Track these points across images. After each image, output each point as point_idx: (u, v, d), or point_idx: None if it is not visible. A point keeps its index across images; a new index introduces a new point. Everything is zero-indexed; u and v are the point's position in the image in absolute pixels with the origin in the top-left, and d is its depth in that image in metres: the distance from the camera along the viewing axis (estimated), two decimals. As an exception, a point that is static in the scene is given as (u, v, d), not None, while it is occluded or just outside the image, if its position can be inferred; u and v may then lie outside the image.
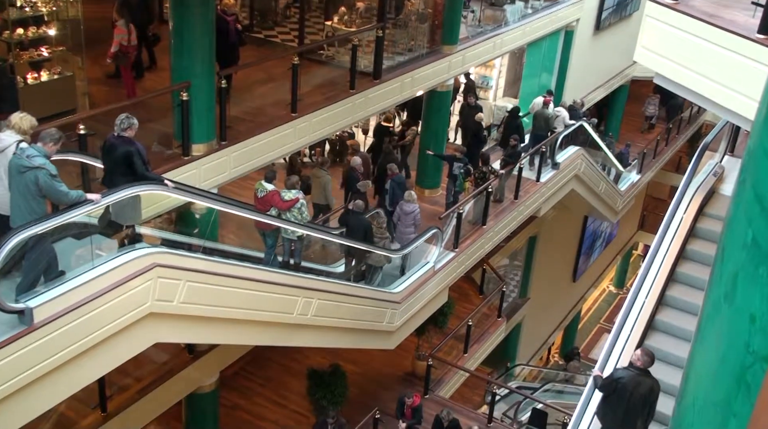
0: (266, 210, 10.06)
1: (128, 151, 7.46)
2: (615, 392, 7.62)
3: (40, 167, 6.50)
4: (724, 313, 1.83)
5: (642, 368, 7.58)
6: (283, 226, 10.12)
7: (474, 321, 16.29)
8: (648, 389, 7.53)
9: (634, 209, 25.14)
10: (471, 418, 14.16)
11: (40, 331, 6.37)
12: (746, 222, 1.66)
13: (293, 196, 10.13)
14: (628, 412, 7.56)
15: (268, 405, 14.55)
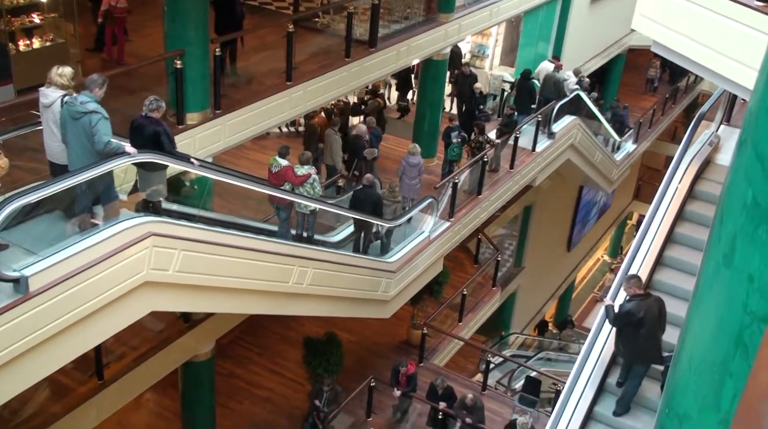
0: (280, 184, 10.27)
1: (156, 131, 7.77)
2: (628, 324, 7.90)
3: (93, 111, 6.90)
4: (723, 275, 1.83)
5: (641, 293, 7.93)
6: (296, 200, 10.32)
7: (469, 290, 16.37)
8: (657, 309, 7.88)
9: (629, 179, 25.16)
10: (465, 386, 14.28)
11: (36, 299, 6.36)
12: (746, 182, 1.65)
13: (306, 171, 10.33)
14: (647, 336, 7.86)
15: (264, 373, 14.67)
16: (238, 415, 13.73)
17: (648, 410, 8.14)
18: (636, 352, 8.05)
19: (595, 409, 8.32)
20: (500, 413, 13.84)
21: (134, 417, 13.63)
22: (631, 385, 8.21)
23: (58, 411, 9.94)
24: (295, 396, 13.96)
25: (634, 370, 8.17)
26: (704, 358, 1.92)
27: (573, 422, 8.08)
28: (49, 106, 7.10)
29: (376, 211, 11.62)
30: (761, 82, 1.74)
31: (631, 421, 8.14)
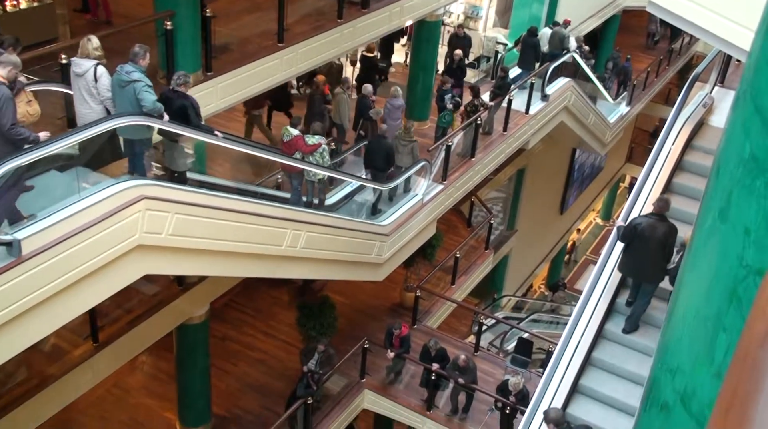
0: (291, 153, 10.59)
1: (183, 105, 8.14)
2: (635, 237, 8.20)
3: (137, 80, 7.50)
4: (718, 230, 1.84)
5: (658, 213, 8.15)
6: (307, 168, 10.68)
7: (462, 253, 16.43)
8: (665, 232, 8.11)
9: (622, 142, 25.13)
10: (458, 348, 14.42)
11: (29, 262, 6.35)
12: (744, 135, 1.64)
13: (316, 141, 10.66)
14: (647, 255, 8.17)
15: (257, 335, 14.77)
16: (232, 377, 13.86)
17: (656, 328, 8.49)
18: (638, 270, 8.39)
19: (606, 327, 8.73)
20: (492, 374, 13.99)
21: (130, 379, 13.75)
22: (640, 303, 8.57)
23: (54, 373, 10.01)
24: (289, 358, 14.07)
25: (643, 289, 8.51)
26: (698, 313, 1.94)
27: (584, 340, 8.50)
28: (82, 75, 7.49)
29: (389, 160, 12.19)
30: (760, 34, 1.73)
31: (640, 338, 8.54)
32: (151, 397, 13.49)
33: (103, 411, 13.05)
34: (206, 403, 12.85)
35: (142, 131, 7.84)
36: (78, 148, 7.28)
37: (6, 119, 6.52)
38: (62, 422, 12.28)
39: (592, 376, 8.51)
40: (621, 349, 8.62)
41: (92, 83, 7.52)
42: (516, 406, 11.89)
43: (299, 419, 12.33)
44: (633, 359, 8.46)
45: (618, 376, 8.46)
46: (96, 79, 7.54)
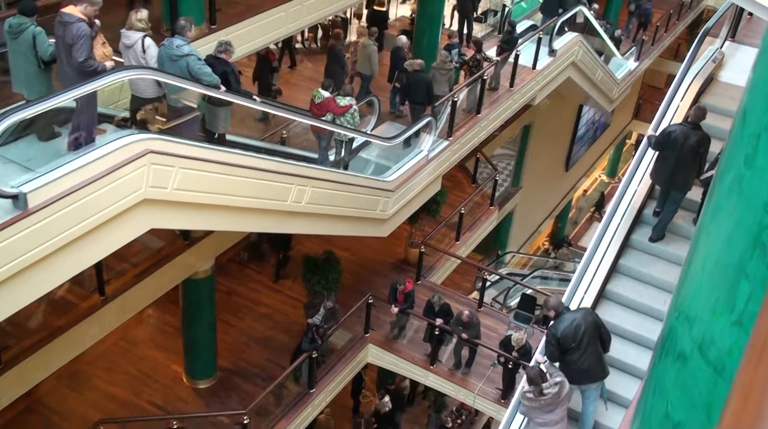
0: (322, 115, 10.92)
1: (224, 71, 8.56)
2: (667, 145, 8.30)
3: (188, 54, 7.96)
4: (743, 177, 1.83)
5: (693, 122, 8.21)
6: (337, 130, 11.06)
7: (466, 209, 16.43)
8: (697, 140, 8.18)
9: (629, 98, 24.90)
10: (462, 303, 14.53)
11: (35, 216, 6.38)
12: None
13: (347, 102, 10.99)
14: (678, 163, 8.27)
15: (263, 290, 14.90)
16: (238, 331, 14.01)
17: (681, 237, 8.78)
18: (669, 178, 8.49)
19: (632, 237, 8.96)
20: (495, 329, 14.12)
21: (136, 332, 13.93)
22: (667, 211, 8.73)
23: (62, 325, 10.14)
24: (295, 312, 14.21)
25: (672, 197, 8.65)
26: (719, 261, 1.94)
27: (611, 248, 8.74)
28: (131, 47, 7.88)
29: (429, 94, 12.86)
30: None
31: (665, 246, 8.78)
32: (158, 349, 13.68)
33: (111, 363, 13.25)
34: (212, 356, 13.03)
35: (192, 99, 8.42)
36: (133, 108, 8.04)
37: (80, 54, 6.93)
38: (70, 373, 12.51)
39: (618, 283, 8.81)
40: (647, 257, 8.89)
41: (141, 54, 7.90)
42: (518, 360, 12.03)
43: (304, 372, 12.50)
44: (658, 266, 8.75)
45: (643, 283, 8.74)
46: (144, 50, 7.91)
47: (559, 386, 7.33)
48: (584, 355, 7.48)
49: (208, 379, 13.07)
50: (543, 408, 7.32)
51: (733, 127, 2.05)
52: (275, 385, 12.01)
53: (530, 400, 7.35)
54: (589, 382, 7.67)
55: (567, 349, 7.51)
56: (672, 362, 2.11)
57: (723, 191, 1.96)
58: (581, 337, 7.43)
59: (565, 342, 7.47)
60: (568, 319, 7.51)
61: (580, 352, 7.47)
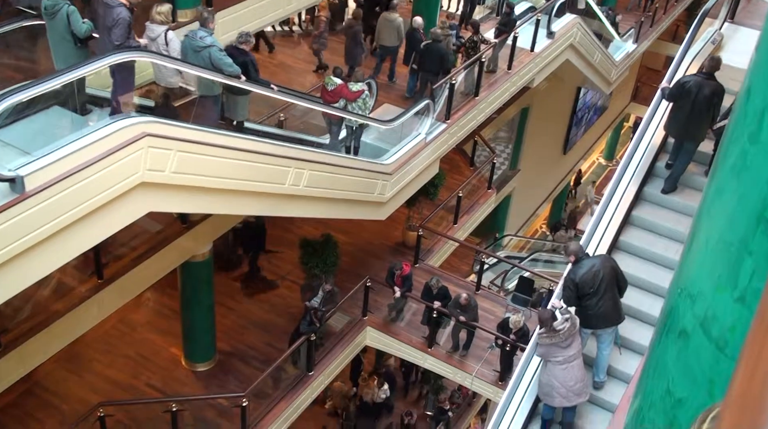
0: (335, 101, 11.19)
1: (244, 61, 8.99)
2: (681, 95, 8.46)
3: (210, 45, 8.30)
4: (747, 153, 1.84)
5: (708, 72, 8.36)
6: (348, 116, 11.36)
7: (464, 192, 16.43)
8: (711, 91, 8.33)
9: (627, 80, 24.82)
10: (460, 286, 14.56)
11: (33, 199, 6.37)
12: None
13: (359, 87, 11.27)
14: (692, 113, 8.44)
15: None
16: (236, 314, 14.04)
17: (693, 189, 9.01)
18: (685, 128, 8.63)
19: (645, 190, 9.21)
20: (493, 312, 14.16)
21: (135, 315, 13.95)
22: (680, 162, 8.93)
23: (60, 309, 10.15)
24: (292, 295, 14.23)
25: (685, 149, 8.83)
26: (721, 238, 1.95)
27: (624, 200, 9.00)
28: (155, 39, 8.23)
29: (442, 64, 13.11)
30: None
31: (678, 197, 9.01)
32: (157, 332, 13.72)
33: (110, 346, 13.29)
34: (211, 339, 13.07)
35: (212, 88, 8.69)
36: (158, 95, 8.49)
37: (118, 37, 7.43)
38: (69, 356, 12.54)
39: (631, 233, 9.04)
40: (659, 209, 9.12)
41: (164, 47, 8.23)
42: (516, 343, 12.08)
43: (302, 355, 12.55)
44: (671, 217, 8.98)
45: (656, 233, 8.99)
46: (167, 43, 8.24)
47: (570, 321, 7.58)
48: (601, 300, 7.67)
49: (207, 362, 13.11)
50: (560, 344, 7.55)
51: (736, 106, 2.05)
52: (274, 367, 12.06)
53: (548, 338, 7.58)
54: (604, 327, 7.87)
55: (585, 294, 7.70)
56: (673, 340, 2.13)
57: (726, 169, 1.97)
58: (599, 283, 7.63)
59: (583, 287, 7.66)
60: (587, 265, 7.71)
61: (598, 297, 7.66)
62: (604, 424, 7.93)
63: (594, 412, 8.18)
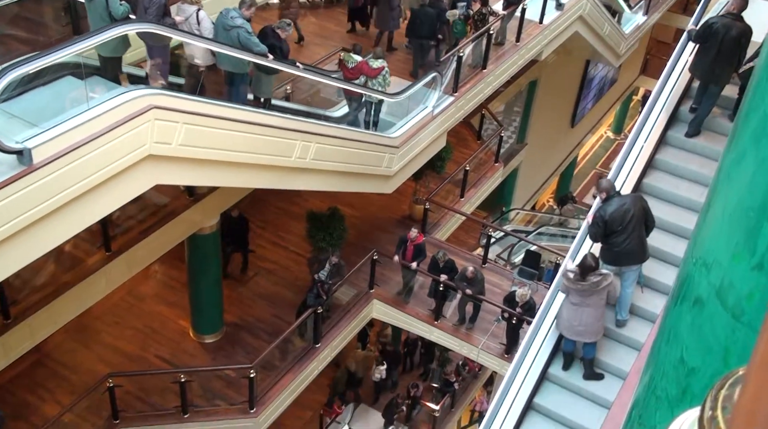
0: (355, 77, 11.48)
1: (273, 44, 9.53)
2: (708, 36, 8.51)
3: (240, 26, 8.77)
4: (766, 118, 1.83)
5: (735, 12, 8.40)
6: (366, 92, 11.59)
7: (471, 166, 16.38)
8: (739, 32, 8.36)
9: (637, 53, 24.58)
10: (466, 260, 14.57)
11: (40, 171, 6.37)
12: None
13: (380, 64, 11.50)
14: (719, 55, 8.49)
15: (268, 246, 14.95)
16: (243, 286, 14.11)
17: (717, 134, 9.12)
18: (710, 70, 8.67)
19: (668, 133, 9.31)
20: (499, 285, 14.19)
21: (143, 287, 14.04)
22: (705, 105, 8.99)
23: (69, 280, 10.22)
24: (299, 268, 14.27)
25: (710, 92, 8.87)
26: (739, 204, 1.94)
27: (647, 145, 9.14)
28: (187, 19, 8.67)
29: (433, 28, 13.23)
30: None
31: (702, 141, 9.13)
32: (165, 305, 13.80)
33: (118, 318, 13.39)
34: (218, 311, 13.15)
35: (241, 65, 9.07)
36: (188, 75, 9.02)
37: (152, 17, 7.98)
38: (79, 328, 12.65)
39: (655, 176, 9.14)
40: (683, 152, 9.21)
41: (195, 26, 8.67)
42: (522, 316, 12.11)
43: (309, 328, 12.62)
44: (694, 161, 9.07)
45: (679, 177, 9.09)
46: (198, 23, 8.69)
47: (601, 277, 7.73)
48: (629, 238, 7.80)
49: (215, 334, 13.20)
50: (579, 292, 7.74)
51: (758, 70, 2.02)
52: (281, 339, 12.14)
53: (570, 281, 7.80)
54: (629, 264, 8.03)
55: (612, 232, 7.82)
56: (688, 309, 2.12)
57: (747, 134, 1.95)
58: (629, 222, 7.76)
59: (611, 224, 7.78)
60: (618, 203, 7.84)
61: (626, 235, 7.79)
62: (626, 360, 8.13)
63: (616, 348, 8.41)
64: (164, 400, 11.85)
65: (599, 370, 8.30)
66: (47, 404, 11.76)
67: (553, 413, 8.23)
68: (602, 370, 8.31)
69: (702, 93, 9.05)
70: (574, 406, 8.21)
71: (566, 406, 8.21)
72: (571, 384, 8.34)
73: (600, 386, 8.19)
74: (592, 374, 8.24)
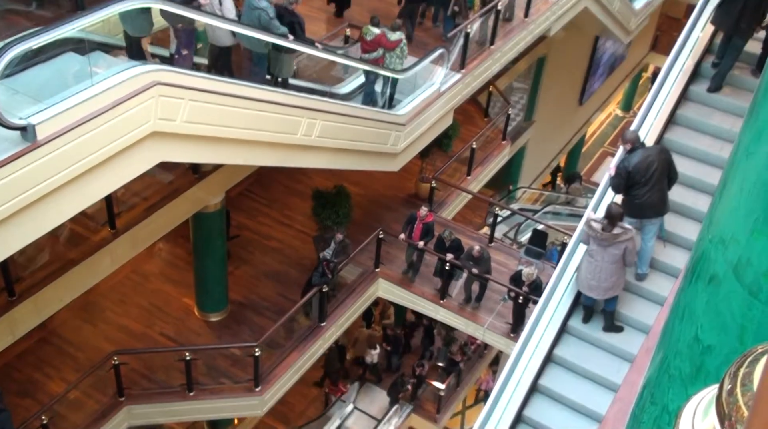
0: (374, 50, 11.61)
1: (291, 21, 9.86)
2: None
3: (263, 9, 9.16)
4: None
5: None
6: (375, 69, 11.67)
7: (478, 144, 16.32)
8: None
9: (647, 29, 24.35)
10: (473, 238, 14.57)
11: (44, 148, 6.37)
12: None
13: (398, 37, 11.59)
14: (745, 5, 8.55)
15: (273, 225, 14.96)
16: (249, 265, 14.14)
17: (739, 89, 9.18)
18: (735, 21, 8.72)
19: (690, 89, 9.36)
20: (506, 264, 14.18)
21: (148, 265, 14.08)
22: (727, 59, 9.03)
23: (74, 257, 10.26)
24: (305, 247, 14.29)
25: (732, 44, 8.90)
26: (758, 180, 1.92)
27: (668, 101, 9.20)
28: (209, 1, 8.87)
29: None
30: None
31: (724, 96, 9.21)
32: (169, 283, 13.86)
33: (123, 295, 13.45)
34: (223, 289, 13.19)
35: (261, 46, 9.35)
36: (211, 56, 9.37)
37: None
38: (84, 306, 12.72)
39: (676, 132, 9.18)
40: (705, 107, 9.27)
41: (218, 7, 8.95)
42: (528, 295, 12.12)
43: (314, 306, 12.66)
44: (716, 116, 9.11)
45: (701, 132, 9.14)
46: (221, 3, 8.96)
47: (622, 231, 7.80)
48: (651, 190, 7.89)
49: (220, 312, 13.26)
50: (598, 241, 7.82)
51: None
52: (286, 318, 12.19)
53: (591, 229, 7.89)
54: (650, 217, 8.12)
55: (635, 183, 7.91)
56: (703, 286, 2.11)
57: (760, 113, 1.92)
58: (652, 173, 7.83)
59: (634, 176, 7.87)
60: (642, 154, 7.92)
61: (648, 187, 7.88)
62: (646, 313, 8.26)
63: (636, 301, 8.51)
64: (169, 378, 11.94)
65: (619, 323, 8.39)
66: (53, 381, 11.86)
67: (572, 365, 8.36)
68: (622, 323, 8.41)
69: (725, 46, 9.06)
70: (593, 358, 8.34)
71: (585, 358, 8.34)
72: (591, 336, 8.45)
73: (620, 338, 8.31)
74: (612, 327, 8.35)
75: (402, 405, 16.62)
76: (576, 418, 8.14)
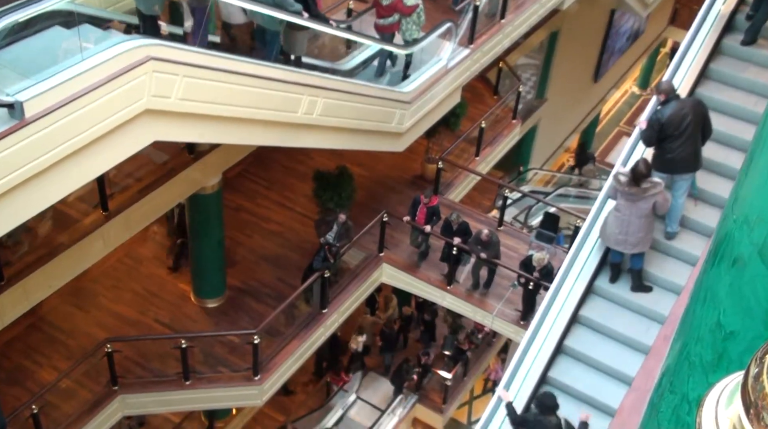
0: (389, 15, 11.56)
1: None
2: None
3: None
4: None
5: None
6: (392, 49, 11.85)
7: (487, 123, 16.24)
8: None
9: (665, 2, 24.20)
10: (481, 222, 14.54)
11: (33, 125, 6.36)
12: None
13: (415, 2, 11.54)
14: None
15: (272, 207, 14.96)
16: (247, 249, 14.16)
17: None
18: None
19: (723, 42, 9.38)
20: (516, 249, 14.16)
21: (142, 249, 14.11)
22: (762, 11, 9.06)
23: (64, 241, 10.26)
24: (305, 230, 14.29)
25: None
26: None
27: (700, 54, 9.24)
28: None
29: None
30: None
31: (759, 49, 9.26)
32: (164, 267, 13.89)
33: (116, 280, 13.49)
34: (221, 274, 13.22)
35: (275, 23, 9.30)
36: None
37: None
38: (75, 291, 12.77)
39: (708, 86, 9.21)
40: (738, 61, 9.33)
41: None
42: (539, 281, 12.12)
43: (316, 292, 12.68)
44: (750, 70, 9.17)
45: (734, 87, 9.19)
46: None
47: (651, 185, 7.82)
48: (684, 144, 7.88)
49: (217, 298, 13.30)
50: (627, 196, 7.87)
51: None
52: (286, 304, 12.21)
53: (619, 183, 7.94)
54: (682, 172, 8.12)
55: (667, 136, 7.90)
56: (726, 269, 2.09)
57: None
58: (686, 127, 7.82)
59: (667, 128, 7.87)
60: (676, 106, 7.92)
61: (681, 140, 7.87)
62: (676, 272, 8.31)
63: (665, 261, 8.53)
64: (165, 366, 12.00)
65: (648, 283, 8.40)
66: (43, 369, 11.93)
67: (598, 325, 8.40)
68: (651, 283, 8.43)
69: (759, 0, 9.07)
70: (620, 318, 8.39)
71: (613, 318, 8.39)
72: (618, 296, 8.49)
73: (648, 298, 8.34)
74: (640, 286, 8.37)
75: (407, 395, 16.70)
76: (604, 381, 8.23)
